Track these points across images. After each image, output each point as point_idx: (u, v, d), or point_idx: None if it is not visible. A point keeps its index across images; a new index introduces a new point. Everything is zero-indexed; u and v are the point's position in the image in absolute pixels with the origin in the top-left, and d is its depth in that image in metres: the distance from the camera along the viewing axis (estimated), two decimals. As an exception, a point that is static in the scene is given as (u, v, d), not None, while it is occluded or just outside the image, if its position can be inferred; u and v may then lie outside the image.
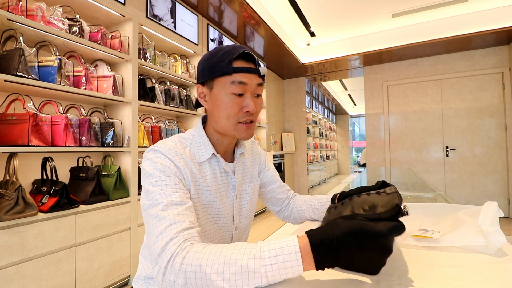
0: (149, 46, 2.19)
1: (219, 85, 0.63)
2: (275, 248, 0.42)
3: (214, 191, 0.67)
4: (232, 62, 0.60)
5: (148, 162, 0.60)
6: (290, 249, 0.41)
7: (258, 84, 0.64)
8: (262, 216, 3.90)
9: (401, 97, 4.31)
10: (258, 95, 0.66)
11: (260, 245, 0.44)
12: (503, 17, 3.20)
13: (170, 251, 0.46)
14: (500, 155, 3.69)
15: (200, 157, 0.67)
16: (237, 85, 0.61)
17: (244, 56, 0.62)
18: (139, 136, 2.00)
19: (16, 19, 1.32)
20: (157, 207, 0.52)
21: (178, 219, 0.51)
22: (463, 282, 0.44)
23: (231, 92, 0.61)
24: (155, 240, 0.49)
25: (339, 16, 3.39)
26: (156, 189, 0.55)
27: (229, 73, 0.61)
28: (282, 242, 0.43)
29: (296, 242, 0.42)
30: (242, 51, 0.61)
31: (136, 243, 1.86)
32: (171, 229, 0.49)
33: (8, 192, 1.24)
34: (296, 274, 0.42)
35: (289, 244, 0.42)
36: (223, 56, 0.61)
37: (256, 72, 0.62)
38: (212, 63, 0.63)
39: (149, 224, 0.52)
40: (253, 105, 0.63)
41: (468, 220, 0.65)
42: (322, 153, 7.87)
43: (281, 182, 0.90)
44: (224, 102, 0.63)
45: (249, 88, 0.62)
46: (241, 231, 0.77)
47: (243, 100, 0.63)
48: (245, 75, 0.61)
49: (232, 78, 0.61)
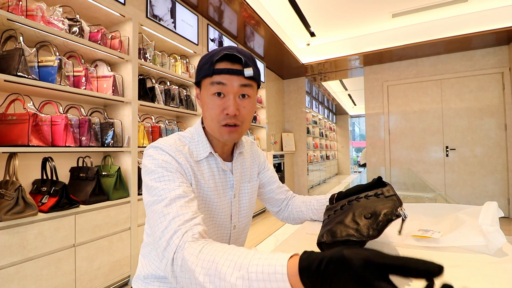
0: (149, 46, 2.19)
1: (203, 87, 0.65)
2: (262, 272, 0.37)
3: (212, 188, 0.68)
4: (215, 64, 0.61)
5: (149, 159, 0.61)
6: (278, 277, 0.36)
7: (242, 85, 0.62)
8: (262, 216, 3.90)
9: (401, 97, 4.31)
10: (244, 96, 0.64)
11: (250, 260, 0.39)
12: (503, 17, 3.20)
13: (174, 244, 0.47)
14: (500, 155, 3.69)
15: (198, 155, 0.68)
16: (215, 86, 0.62)
17: (229, 58, 0.62)
18: (139, 136, 2.00)
19: (16, 19, 1.32)
20: (161, 203, 0.53)
21: (181, 211, 0.52)
22: (463, 282, 0.44)
23: (211, 93, 0.63)
24: (161, 235, 0.50)
25: (339, 16, 3.39)
26: (159, 185, 0.56)
27: (209, 75, 0.62)
28: (270, 265, 0.37)
29: (285, 270, 0.36)
30: (225, 53, 0.61)
31: (136, 243, 1.86)
32: (174, 222, 0.50)
33: (8, 192, 1.24)
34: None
35: (277, 271, 0.36)
36: (208, 59, 0.63)
37: (239, 73, 0.61)
38: (200, 65, 0.66)
39: (154, 220, 0.53)
40: (233, 107, 0.61)
41: (468, 220, 0.65)
42: (322, 153, 7.87)
43: (280, 183, 0.90)
44: (207, 103, 0.64)
45: (230, 89, 0.62)
46: (239, 230, 0.77)
47: (224, 102, 0.63)
48: (225, 76, 0.61)
49: (212, 79, 0.62)
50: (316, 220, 0.82)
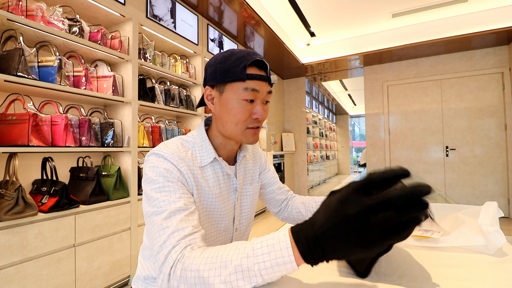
0: (149, 46, 2.19)
1: (230, 90, 0.62)
2: (267, 245, 0.41)
3: (217, 194, 0.67)
4: (247, 68, 0.61)
5: (150, 167, 0.60)
6: (282, 245, 0.40)
7: (268, 92, 0.65)
8: (262, 216, 3.90)
9: (401, 97, 4.31)
10: (267, 102, 0.67)
11: (253, 242, 0.43)
12: (503, 17, 3.20)
13: (172, 259, 0.46)
14: (500, 155, 3.68)
15: (202, 161, 0.66)
16: (249, 92, 0.61)
17: (257, 64, 0.62)
18: (139, 136, 2.00)
19: (16, 19, 1.32)
20: (160, 216, 0.52)
21: (181, 225, 0.51)
22: (463, 282, 0.44)
23: (243, 98, 0.62)
24: (159, 249, 0.49)
25: (339, 16, 3.39)
26: (159, 196, 0.55)
27: (242, 79, 0.60)
28: (273, 238, 0.41)
29: (288, 237, 0.40)
30: (256, 58, 0.61)
31: (136, 243, 1.86)
32: (173, 236, 0.49)
33: (8, 192, 1.24)
34: (290, 271, 0.40)
35: (280, 240, 0.40)
36: (237, 62, 0.61)
37: (267, 80, 0.63)
38: (226, 67, 0.62)
39: (152, 232, 0.52)
40: (262, 112, 0.64)
41: (468, 220, 0.65)
42: (322, 153, 7.87)
43: (280, 183, 0.90)
44: (235, 107, 0.63)
45: (260, 96, 0.63)
46: (241, 232, 0.77)
47: (253, 107, 0.63)
48: (258, 82, 0.62)
49: (246, 85, 0.61)
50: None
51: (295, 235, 0.40)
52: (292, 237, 0.40)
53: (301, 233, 0.40)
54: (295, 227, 0.42)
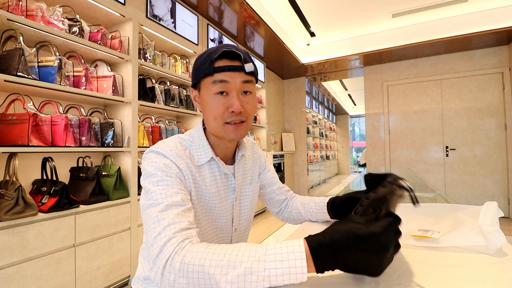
0: (149, 46, 2.19)
1: (204, 87, 0.63)
2: (281, 253, 0.41)
3: (214, 193, 0.67)
4: (214, 62, 0.60)
5: (149, 162, 0.60)
6: (297, 255, 0.41)
7: (244, 82, 0.62)
8: (262, 216, 3.90)
9: (401, 97, 4.31)
10: (247, 92, 0.63)
11: (266, 248, 0.43)
12: (503, 17, 3.20)
13: (168, 251, 0.45)
14: (500, 155, 3.69)
15: (199, 160, 0.66)
16: (218, 85, 0.60)
17: (228, 55, 0.61)
18: (139, 136, 2.00)
19: (16, 19, 1.32)
20: (156, 208, 0.51)
21: (177, 219, 0.50)
22: (463, 282, 0.44)
23: (214, 92, 0.61)
24: (153, 241, 0.48)
25: (339, 16, 3.39)
26: (157, 189, 0.54)
27: (210, 74, 0.60)
28: (288, 247, 0.42)
29: (303, 248, 0.41)
30: (223, 50, 0.60)
31: (136, 243, 1.86)
32: (169, 229, 0.48)
33: (8, 192, 1.24)
34: (298, 281, 0.41)
35: (296, 250, 0.41)
36: (206, 58, 0.62)
37: (240, 69, 0.61)
38: (197, 65, 0.64)
39: (148, 224, 0.51)
40: (238, 104, 0.61)
41: (468, 220, 0.65)
42: (322, 153, 7.87)
43: (280, 184, 0.89)
44: (209, 103, 0.62)
45: (233, 87, 0.61)
46: (240, 232, 0.76)
47: (228, 100, 0.62)
48: (227, 73, 0.60)
49: (213, 78, 0.61)
50: (315, 221, 0.82)
51: (310, 242, 0.42)
52: (307, 243, 0.42)
53: (315, 239, 0.42)
54: (308, 237, 0.44)
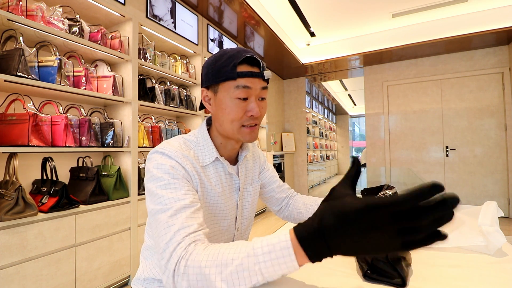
0: (149, 46, 2.19)
1: (223, 90, 0.63)
2: (267, 245, 0.41)
3: (219, 193, 0.67)
4: (237, 66, 0.61)
5: (155, 164, 0.59)
6: (282, 245, 0.40)
7: (263, 88, 0.64)
8: (262, 216, 3.90)
9: (401, 97, 4.31)
10: (263, 98, 0.66)
11: (254, 242, 0.43)
12: (503, 17, 3.20)
13: (177, 255, 0.46)
14: (500, 155, 3.68)
15: (204, 160, 0.67)
16: (241, 90, 0.61)
17: (249, 61, 0.62)
18: (139, 136, 2.00)
19: (16, 19, 1.32)
20: (166, 213, 0.51)
21: (187, 223, 0.50)
22: (463, 282, 0.44)
23: (235, 96, 0.62)
24: (165, 247, 0.48)
25: (339, 16, 3.39)
26: (165, 193, 0.54)
27: (233, 78, 0.61)
28: (274, 238, 0.42)
29: (288, 237, 0.40)
30: (246, 56, 0.61)
31: (136, 243, 1.86)
32: (179, 234, 0.49)
33: (8, 192, 1.24)
34: (292, 270, 0.40)
35: (281, 240, 0.41)
36: (227, 61, 0.61)
37: (260, 76, 0.63)
38: (217, 67, 0.63)
39: (158, 230, 0.51)
40: (257, 109, 0.63)
41: (468, 220, 0.65)
42: (322, 153, 7.86)
43: (280, 182, 0.90)
44: (229, 106, 0.63)
45: (253, 92, 0.63)
46: (242, 231, 0.77)
47: (247, 104, 0.63)
48: (249, 79, 0.61)
49: (236, 83, 0.61)
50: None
51: (297, 232, 0.40)
52: (294, 233, 0.40)
53: (303, 228, 0.40)
54: (297, 225, 0.42)
